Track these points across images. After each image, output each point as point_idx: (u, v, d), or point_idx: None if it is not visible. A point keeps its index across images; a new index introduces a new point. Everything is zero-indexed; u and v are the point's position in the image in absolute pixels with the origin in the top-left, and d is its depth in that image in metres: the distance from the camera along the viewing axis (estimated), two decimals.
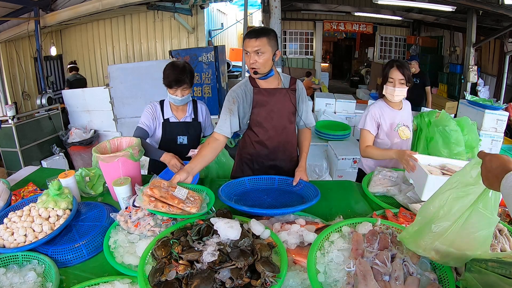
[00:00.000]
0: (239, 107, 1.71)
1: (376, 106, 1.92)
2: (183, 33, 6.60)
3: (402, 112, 1.94)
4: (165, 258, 0.98)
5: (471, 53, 5.69)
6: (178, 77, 1.79)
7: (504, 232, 1.17)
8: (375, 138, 1.95)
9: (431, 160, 1.64)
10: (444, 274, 0.95)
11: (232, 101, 1.70)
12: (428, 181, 1.38)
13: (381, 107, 1.91)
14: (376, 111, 1.90)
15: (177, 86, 1.81)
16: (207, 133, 2.10)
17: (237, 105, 1.70)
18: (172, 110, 1.95)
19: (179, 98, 1.84)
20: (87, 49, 7.20)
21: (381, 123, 1.91)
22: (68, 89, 5.49)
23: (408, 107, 2.00)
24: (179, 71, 1.80)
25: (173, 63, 1.84)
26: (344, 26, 9.74)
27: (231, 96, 1.71)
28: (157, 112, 1.93)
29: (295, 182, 1.61)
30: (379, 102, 1.94)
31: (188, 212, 1.24)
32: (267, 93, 1.71)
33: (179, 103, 1.88)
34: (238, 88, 1.74)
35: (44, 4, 5.10)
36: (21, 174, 1.95)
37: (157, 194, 1.22)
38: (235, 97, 1.70)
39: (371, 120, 1.89)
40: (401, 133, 1.91)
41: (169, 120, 1.93)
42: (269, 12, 3.96)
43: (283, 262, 0.98)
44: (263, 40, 1.57)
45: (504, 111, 3.47)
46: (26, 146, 4.12)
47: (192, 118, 1.99)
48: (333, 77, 11.31)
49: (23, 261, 1.13)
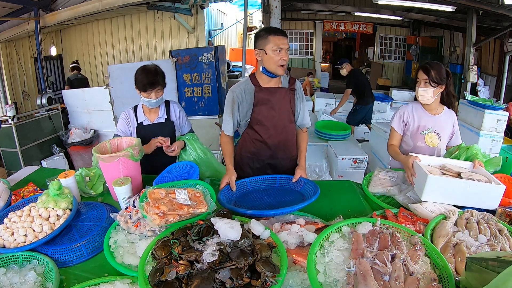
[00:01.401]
0: (239, 106, 1.76)
1: (408, 105, 1.90)
2: (183, 33, 6.59)
3: (438, 118, 1.84)
4: (165, 258, 0.98)
5: (471, 53, 5.69)
6: (152, 80, 1.82)
7: (504, 232, 1.17)
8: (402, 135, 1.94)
9: (431, 160, 1.64)
10: (444, 274, 0.95)
11: (232, 102, 1.76)
12: (428, 181, 1.39)
13: (414, 107, 1.88)
14: (406, 110, 1.88)
15: (152, 89, 1.83)
16: (184, 132, 2.12)
17: (237, 105, 1.75)
18: (145, 113, 1.97)
19: (154, 100, 1.87)
20: (87, 49, 7.19)
21: (409, 123, 1.88)
22: (68, 88, 5.49)
23: (448, 116, 1.86)
24: (152, 74, 1.83)
25: (144, 67, 1.86)
26: (344, 26, 9.74)
27: (231, 97, 1.76)
28: (131, 117, 1.96)
29: (295, 179, 1.63)
30: (414, 102, 1.91)
31: (199, 213, 1.24)
32: (269, 92, 1.74)
33: (154, 105, 1.91)
34: (237, 88, 1.78)
35: (44, 4, 5.10)
36: (21, 174, 1.95)
37: (165, 210, 1.18)
38: (234, 97, 1.75)
39: (398, 119, 1.89)
40: (427, 138, 1.84)
41: (143, 123, 1.96)
42: (269, 12, 3.96)
43: (283, 262, 0.98)
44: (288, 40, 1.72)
45: (504, 111, 3.47)
46: (26, 146, 4.12)
47: (165, 119, 2.01)
48: (333, 77, 11.30)
49: (23, 261, 1.13)
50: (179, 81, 4.69)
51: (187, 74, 4.67)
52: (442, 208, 1.37)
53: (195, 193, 1.34)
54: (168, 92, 4.74)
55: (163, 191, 1.29)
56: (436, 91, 1.74)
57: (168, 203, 1.22)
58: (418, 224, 1.25)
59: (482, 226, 1.20)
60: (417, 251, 1.01)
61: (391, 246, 1.02)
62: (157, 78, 1.83)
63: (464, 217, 1.27)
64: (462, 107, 3.91)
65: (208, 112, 4.80)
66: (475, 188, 1.39)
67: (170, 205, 1.21)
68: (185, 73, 4.67)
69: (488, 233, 1.17)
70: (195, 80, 4.68)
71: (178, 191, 1.31)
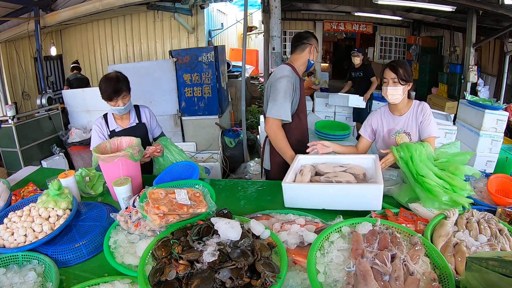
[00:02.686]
0: (294, 94, 1.91)
1: (377, 112, 1.93)
2: (183, 33, 6.59)
3: (404, 118, 1.82)
4: (165, 258, 0.98)
5: (471, 53, 5.68)
6: (115, 88, 1.83)
7: (504, 232, 1.17)
8: (375, 143, 1.97)
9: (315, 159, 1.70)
10: (444, 274, 0.95)
11: (292, 88, 1.87)
12: (284, 189, 1.40)
13: (382, 113, 1.91)
14: (375, 117, 1.91)
15: (117, 96, 1.84)
16: (155, 134, 2.14)
17: (293, 91, 1.90)
18: (117, 120, 1.99)
19: (122, 108, 1.88)
20: (87, 49, 7.19)
21: (379, 130, 1.90)
22: (67, 88, 5.48)
23: (415, 112, 1.81)
24: (115, 82, 1.84)
25: (106, 76, 1.88)
26: (344, 26, 9.73)
27: (290, 83, 1.87)
28: (103, 127, 1.98)
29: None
30: (382, 108, 1.93)
31: (199, 213, 1.24)
32: (302, 83, 2.01)
33: (123, 112, 1.92)
34: (291, 74, 1.89)
35: (44, 4, 5.10)
36: (21, 174, 1.95)
37: (165, 210, 1.18)
38: (293, 83, 1.89)
39: (367, 126, 1.95)
40: (398, 140, 1.84)
41: (115, 130, 1.97)
42: (269, 12, 3.96)
43: (283, 262, 0.98)
44: None
45: (504, 111, 3.47)
46: (26, 146, 4.12)
47: (137, 123, 2.03)
48: (333, 77, 11.29)
49: (23, 261, 1.13)
50: (179, 81, 4.69)
51: (187, 74, 4.67)
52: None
53: (195, 193, 1.34)
54: (168, 92, 4.78)
55: (163, 191, 1.29)
56: (405, 88, 1.74)
57: (168, 203, 1.21)
58: (418, 224, 1.25)
59: (482, 226, 1.20)
60: (417, 251, 1.01)
61: (391, 246, 1.02)
62: (120, 85, 1.83)
63: (464, 217, 1.27)
64: (462, 107, 3.90)
65: (208, 112, 4.80)
66: (342, 191, 1.33)
67: (170, 205, 1.21)
68: (185, 73, 4.66)
69: (488, 233, 1.17)
70: (195, 80, 4.68)
71: (178, 191, 1.31)
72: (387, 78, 1.75)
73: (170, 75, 4.65)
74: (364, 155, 1.66)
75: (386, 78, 1.75)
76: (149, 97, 4.59)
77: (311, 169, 1.57)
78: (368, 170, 1.60)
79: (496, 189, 1.56)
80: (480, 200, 1.52)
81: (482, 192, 1.60)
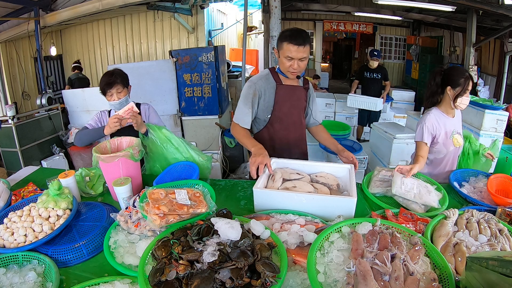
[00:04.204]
0: (259, 99, 1.77)
1: (432, 117, 1.88)
2: (183, 33, 6.59)
3: (455, 119, 1.94)
4: (165, 258, 0.98)
5: (471, 53, 5.68)
6: (108, 81, 1.85)
7: (504, 232, 1.17)
8: (431, 147, 1.92)
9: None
10: (444, 274, 0.95)
11: (253, 94, 1.75)
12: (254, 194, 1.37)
13: (437, 116, 1.89)
14: (433, 123, 1.87)
15: (110, 88, 1.85)
16: None
17: (257, 97, 1.76)
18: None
19: (117, 102, 1.88)
20: (87, 49, 7.19)
21: (438, 133, 1.89)
22: (68, 88, 5.49)
23: (459, 114, 1.99)
24: (108, 76, 1.87)
25: (105, 73, 1.91)
26: (344, 26, 9.73)
27: (252, 89, 1.75)
28: (104, 119, 1.99)
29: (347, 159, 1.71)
30: (434, 111, 1.91)
31: (199, 213, 1.24)
32: (289, 89, 1.79)
33: (119, 107, 1.90)
34: (258, 80, 1.77)
35: (44, 4, 5.10)
36: (21, 174, 1.95)
37: (165, 210, 1.18)
38: (256, 90, 1.75)
39: (428, 134, 1.87)
40: (455, 141, 1.92)
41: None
42: (269, 12, 3.96)
43: (283, 262, 0.98)
44: (307, 48, 1.63)
45: (504, 111, 3.47)
46: (26, 146, 4.12)
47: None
48: (333, 77, 11.30)
49: (23, 261, 1.13)
50: (179, 81, 4.69)
51: (187, 74, 4.67)
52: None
53: (195, 193, 1.34)
54: (168, 92, 4.78)
55: (163, 191, 1.29)
56: None
57: (168, 204, 1.21)
58: (418, 224, 1.25)
59: (482, 226, 1.20)
60: (417, 251, 1.01)
61: (391, 246, 1.02)
62: (113, 78, 1.86)
63: (464, 217, 1.27)
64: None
65: (208, 112, 4.80)
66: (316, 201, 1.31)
67: (170, 206, 1.21)
68: (185, 73, 4.67)
69: (488, 233, 1.17)
70: (195, 80, 4.68)
71: (178, 191, 1.31)
72: (467, 89, 1.81)
73: (170, 75, 4.65)
74: (339, 164, 1.60)
75: (467, 88, 1.81)
76: (149, 97, 4.59)
77: (282, 174, 1.52)
78: (342, 179, 1.57)
79: (496, 189, 1.56)
80: (480, 200, 1.53)
81: (482, 192, 1.60)
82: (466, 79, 1.80)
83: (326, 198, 1.35)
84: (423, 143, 1.87)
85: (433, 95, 1.93)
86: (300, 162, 1.65)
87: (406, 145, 3.43)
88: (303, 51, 1.61)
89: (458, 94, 1.83)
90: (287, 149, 1.89)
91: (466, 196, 1.56)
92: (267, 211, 1.36)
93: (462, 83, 1.80)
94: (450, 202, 1.50)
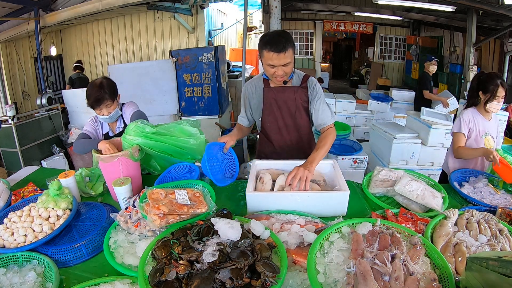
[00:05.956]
0: (250, 102, 1.84)
1: (469, 112, 2.05)
2: (183, 33, 6.59)
3: (491, 122, 2.07)
4: (165, 259, 0.98)
5: (471, 53, 5.69)
6: (96, 97, 1.77)
7: (504, 232, 1.17)
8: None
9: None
10: (444, 274, 0.95)
11: (245, 97, 1.86)
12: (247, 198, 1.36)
13: (474, 114, 2.05)
14: (470, 117, 2.03)
15: (99, 105, 1.80)
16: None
17: (248, 100, 1.84)
18: (109, 124, 1.99)
19: (106, 117, 1.85)
20: (87, 49, 7.19)
21: (472, 129, 2.03)
22: (69, 87, 5.48)
23: (496, 119, 2.12)
24: (96, 89, 1.77)
25: (92, 83, 1.83)
26: (344, 26, 9.73)
27: (243, 91, 1.86)
28: (98, 126, 1.98)
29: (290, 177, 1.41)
30: (472, 109, 2.07)
31: (199, 213, 1.24)
32: (276, 91, 1.74)
33: (108, 121, 1.91)
34: (249, 84, 1.84)
35: (44, 4, 5.10)
36: (21, 174, 1.95)
37: (165, 210, 1.18)
38: (246, 93, 1.84)
39: (465, 125, 2.02)
40: (486, 142, 2.05)
41: (108, 134, 1.99)
42: (269, 12, 3.96)
43: (283, 262, 0.98)
44: (290, 52, 1.52)
45: (504, 111, 3.47)
46: (26, 146, 4.12)
47: (122, 126, 1.98)
48: (333, 77, 11.30)
49: (23, 261, 1.13)
50: (179, 81, 4.70)
51: (187, 74, 4.67)
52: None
53: (194, 193, 1.34)
54: (168, 92, 4.78)
55: (162, 191, 1.28)
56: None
57: (168, 204, 1.21)
58: (418, 224, 1.25)
59: (483, 226, 1.20)
60: (417, 251, 1.01)
61: (391, 246, 1.02)
62: (102, 93, 1.77)
63: (464, 217, 1.27)
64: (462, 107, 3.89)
65: (208, 112, 4.80)
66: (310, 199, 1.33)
67: (170, 206, 1.21)
68: (185, 73, 4.67)
69: (488, 233, 1.17)
70: (195, 80, 4.68)
71: (178, 192, 1.31)
72: (498, 96, 1.93)
73: (170, 75, 4.65)
74: (323, 161, 1.57)
75: (498, 95, 1.93)
76: (149, 97, 4.59)
77: (271, 175, 1.52)
78: (327, 174, 1.60)
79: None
80: (480, 200, 1.53)
81: (482, 192, 1.60)
82: (495, 86, 1.93)
83: (320, 194, 1.37)
84: (461, 134, 2.02)
85: (472, 97, 2.09)
86: (284, 161, 1.63)
87: (406, 145, 3.43)
88: (284, 57, 1.51)
89: (488, 99, 1.98)
90: (288, 151, 1.85)
91: (466, 196, 1.56)
92: (267, 211, 1.36)
93: (492, 90, 1.94)
94: (450, 202, 1.50)
